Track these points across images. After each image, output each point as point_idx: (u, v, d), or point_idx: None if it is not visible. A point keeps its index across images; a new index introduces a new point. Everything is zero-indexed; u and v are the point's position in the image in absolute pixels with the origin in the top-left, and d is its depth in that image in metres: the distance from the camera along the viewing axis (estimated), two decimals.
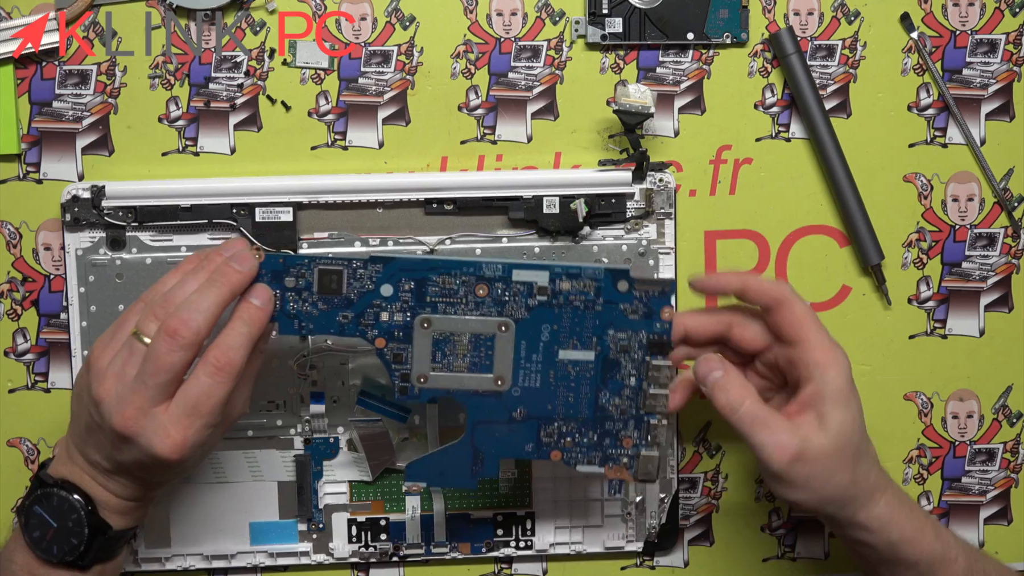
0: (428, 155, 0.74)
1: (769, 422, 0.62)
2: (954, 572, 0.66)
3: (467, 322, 0.64)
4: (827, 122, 0.74)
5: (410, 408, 0.73)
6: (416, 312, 0.64)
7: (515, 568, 0.77)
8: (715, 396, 0.64)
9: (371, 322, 0.64)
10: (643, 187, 0.73)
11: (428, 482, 0.67)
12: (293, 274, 0.63)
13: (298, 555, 0.75)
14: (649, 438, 0.66)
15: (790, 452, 0.62)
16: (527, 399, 0.65)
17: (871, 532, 0.64)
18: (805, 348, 0.64)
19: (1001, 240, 0.77)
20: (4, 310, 0.74)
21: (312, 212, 0.73)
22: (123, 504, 0.63)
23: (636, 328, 0.64)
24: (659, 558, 0.78)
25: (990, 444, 0.78)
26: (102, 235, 0.72)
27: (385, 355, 0.64)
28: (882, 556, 0.65)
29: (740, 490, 0.78)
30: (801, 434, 0.62)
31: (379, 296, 0.64)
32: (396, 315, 0.64)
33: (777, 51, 0.74)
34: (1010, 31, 0.75)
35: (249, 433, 0.74)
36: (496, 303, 0.64)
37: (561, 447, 0.66)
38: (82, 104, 0.73)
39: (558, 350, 0.65)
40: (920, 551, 0.65)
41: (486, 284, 0.64)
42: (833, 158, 0.74)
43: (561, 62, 0.74)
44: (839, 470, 0.63)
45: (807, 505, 0.63)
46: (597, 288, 0.64)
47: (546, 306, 0.64)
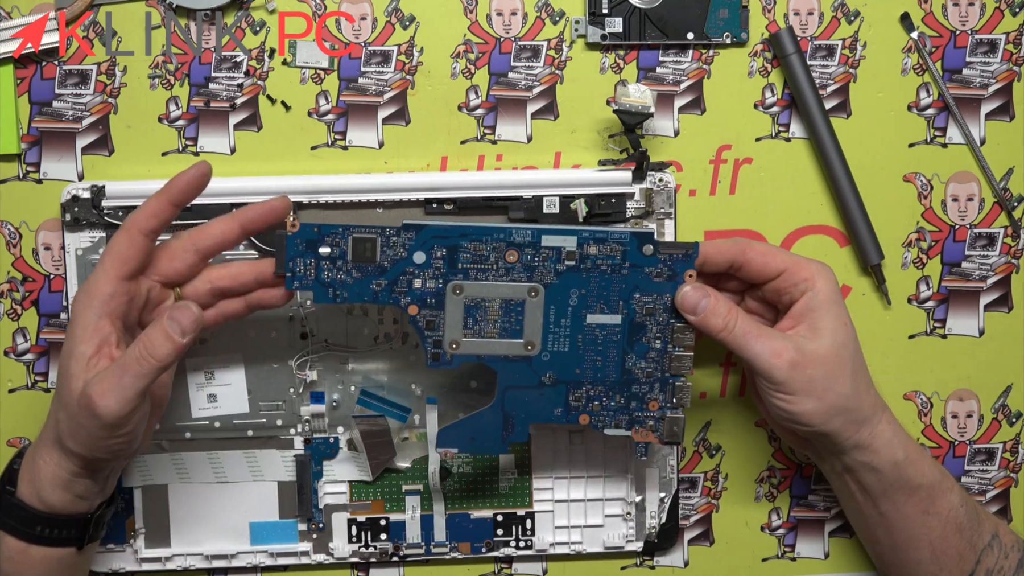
0: (428, 155, 0.74)
1: (763, 332, 0.65)
2: (951, 501, 0.67)
3: (497, 287, 0.65)
4: (827, 122, 0.74)
5: (410, 408, 0.74)
6: (448, 279, 0.65)
7: (515, 568, 0.77)
8: (708, 321, 0.65)
9: (404, 289, 0.65)
10: (643, 187, 0.73)
11: (459, 447, 0.68)
12: (328, 243, 0.65)
13: (298, 555, 0.75)
14: (674, 400, 0.67)
15: (788, 357, 0.64)
16: (556, 363, 0.66)
17: (876, 452, 0.65)
18: (791, 271, 0.66)
19: (1001, 240, 0.77)
20: (4, 310, 0.74)
21: (312, 212, 0.73)
22: (64, 478, 0.63)
23: (661, 291, 0.66)
24: (659, 558, 0.78)
25: (990, 444, 0.78)
26: (102, 235, 0.72)
27: (418, 322, 0.65)
28: (887, 479, 0.66)
29: (740, 490, 0.78)
30: (796, 341, 0.64)
31: (412, 263, 0.65)
32: (428, 282, 0.65)
33: (777, 51, 0.74)
34: (1010, 31, 0.76)
35: (249, 433, 0.74)
36: (526, 268, 0.65)
37: (589, 411, 0.67)
38: (82, 104, 0.73)
39: (586, 314, 0.66)
40: (923, 473, 0.66)
41: (516, 250, 0.65)
42: (833, 158, 0.74)
43: (561, 62, 0.74)
44: (839, 376, 0.64)
45: (813, 417, 0.64)
46: (623, 252, 0.65)
47: (574, 271, 0.65)
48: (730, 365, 0.76)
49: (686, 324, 0.66)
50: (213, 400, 0.73)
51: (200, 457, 0.74)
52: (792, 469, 0.77)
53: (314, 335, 0.73)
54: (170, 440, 0.74)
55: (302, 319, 0.73)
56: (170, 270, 0.64)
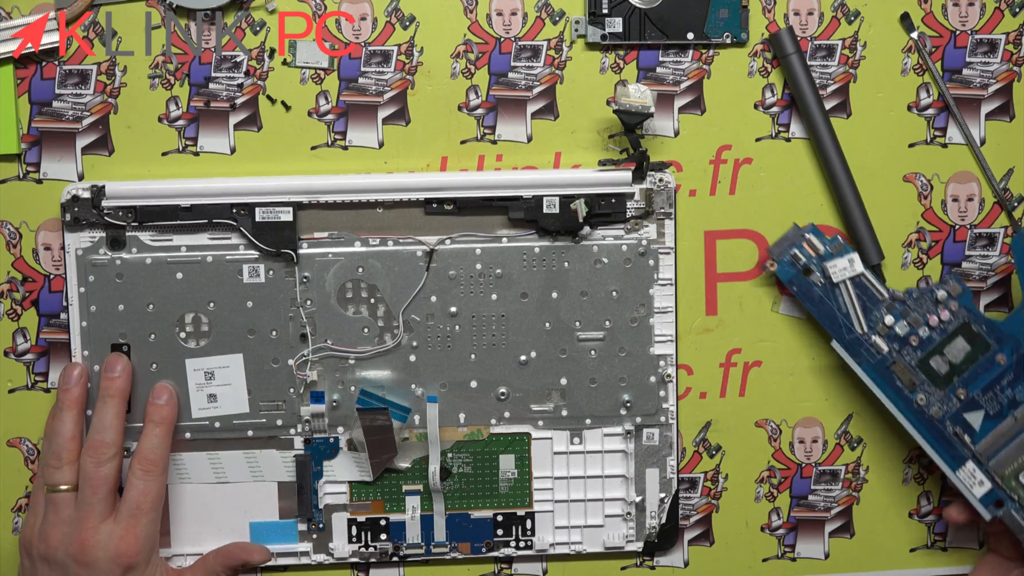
0: (428, 155, 0.74)
1: None
2: None
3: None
4: (827, 122, 0.74)
5: (410, 408, 0.74)
6: None
7: (515, 568, 0.77)
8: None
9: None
10: (643, 187, 0.73)
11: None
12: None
13: (298, 555, 0.75)
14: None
15: None
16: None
17: None
18: None
19: (1001, 240, 0.77)
20: (4, 310, 0.74)
21: (312, 212, 0.73)
22: None
23: None
24: (659, 558, 0.78)
25: None
26: (102, 235, 0.72)
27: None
28: None
29: (740, 490, 0.78)
30: None
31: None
32: None
33: (777, 51, 0.74)
34: (1010, 31, 0.75)
35: (249, 433, 0.74)
36: None
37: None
38: (82, 104, 0.73)
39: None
40: None
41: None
42: (833, 158, 0.74)
43: (561, 62, 0.74)
44: None
45: None
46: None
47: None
48: (730, 365, 0.77)
49: None
50: (213, 400, 0.73)
51: (200, 457, 0.74)
52: (792, 469, 0.77)
53: (314, 335, 0.73)
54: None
55: (302, 319, 0.73)
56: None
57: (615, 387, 0.75)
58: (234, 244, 0.73)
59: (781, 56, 0.74)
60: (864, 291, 0.71)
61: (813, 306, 0.72)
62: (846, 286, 0.71)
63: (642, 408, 0.75)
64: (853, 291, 0.70)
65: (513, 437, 0.75)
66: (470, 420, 0.74)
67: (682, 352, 0.76)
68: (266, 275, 0.73)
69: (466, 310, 0.74)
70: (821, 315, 0.72)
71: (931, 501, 0.78)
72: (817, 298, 0.72)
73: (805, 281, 0.71)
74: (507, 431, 0.75)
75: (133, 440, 0.72)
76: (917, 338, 0.71)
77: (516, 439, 0.75)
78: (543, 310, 0.74)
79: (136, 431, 0.72)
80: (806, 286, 0.72)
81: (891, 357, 0.72)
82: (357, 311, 0.73)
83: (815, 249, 0.72)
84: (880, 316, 0.71)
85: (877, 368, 0.72)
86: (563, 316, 0.74)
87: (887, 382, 0.72)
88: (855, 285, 0.71)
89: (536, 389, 0.74)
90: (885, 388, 0.72)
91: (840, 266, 0.70)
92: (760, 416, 0.77)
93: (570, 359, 0.74)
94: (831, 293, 0.71)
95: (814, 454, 0.77)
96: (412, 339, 0.74)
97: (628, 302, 0.74)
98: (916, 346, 0.71)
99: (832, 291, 0.71)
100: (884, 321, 0.71)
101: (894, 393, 0.72)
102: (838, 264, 0.70)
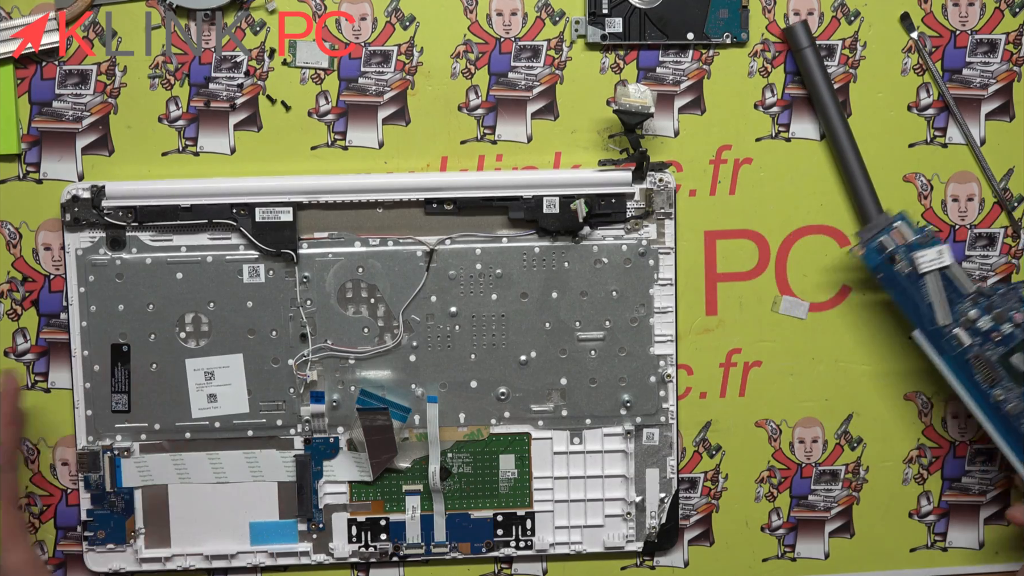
0: (428, 155, 0.74)
1: None
2: None
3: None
4: (842, 117, 0.74)
5: (410, 408, 0.74)
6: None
7: (515, 568, 0.77)
8: None
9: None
10: (643, 187, 0.73)
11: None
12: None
13: (298, 555, 0.75)
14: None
15: None
16: None
17: None
18: None
19: (1001, 240, 0.77)
20: (4, 310, 0.74)
21: (312, 212, 0.73)
22: None
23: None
24: (659, 558, 0.78)
25: (990, 444, 0.78)
26: (102, 235, 0.72)
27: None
28: None
29: (740, 490, 0.78)
30: None
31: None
32: None
33: (792, 44, 0.73)
34: (1010, 31, 0.75)
35: (249, 433, 0.74)
36: None
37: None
38: (82, 104, 0.73)
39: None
40: None
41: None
42: (848, 154, 0.74)
43: (561, 62, 0.74)
44: None
45: None
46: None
47: None
48: (730, 365, 0.76)
49: None
50: (213, 400, 0.73)
51: (200, 457, 0.74)
52: (792, 469, 0.77)
53: (314, 335, 0.73)
54: (170, 440, 0.74)
55: (302, 319, 0.73)
56: None
57: (615, 387, 0.75)
58: (234, 244, 0.73)
59: (796, 50, 0.73)
60: (949, 283, 0.71)
61: (896, 294, 0.72)
62: (932, 277, 0.71)
63: (642, 408, 0.75)
64: (939, 282, 0.71)
65: (513, 437, 0.75)
66: (470, 420, 0.74)
67: (682, 352, 0.76)
68: (266, 275, 0.73)
69: (466, 310, 0.74)
70: (904, 304, 0.72)
71: (931, 501, 0.78)
72: (901, 287, 0.72)
73: (890, 269, 0.72)
74: (507, 431, 0.75)
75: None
76: (999, 334, 0.72)
77: (516, 439, 0.75)
78: (543, 310, 0.74)
79: (136, 430, 0.73)
80: (891, 274, 0.72)
81: (972, 351, 0.72)
82: (357, 311, 0.73)
83: (903, 237, 0.72)
84: (964, 309, 0.72)
85: (956, 360, 0.72)
86: (563, 316, 0.74)
87: (966, 375, 0.72)
88: (942, 277, 0.71)
89: (536, 389, 0.74)
90: (963, 380, 0.72)
91: (928, 257, 0.70)
92: (760, 416, 0.77)
93: (570, 359, 0.74)
94: (916, 283, 0.72)
95: (814, 454, 0.77)
96: (412, 339, 0.74)
97: (628, 302, 0.74)
98: (998, 342, 0.72)
99: (917, 281, 0.72)
100: (968, 315, 0.71)
101: (972, 386, 0.72)
102: (927, 255, 0.70)
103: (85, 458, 0.74)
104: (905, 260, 0.71)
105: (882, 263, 0.72)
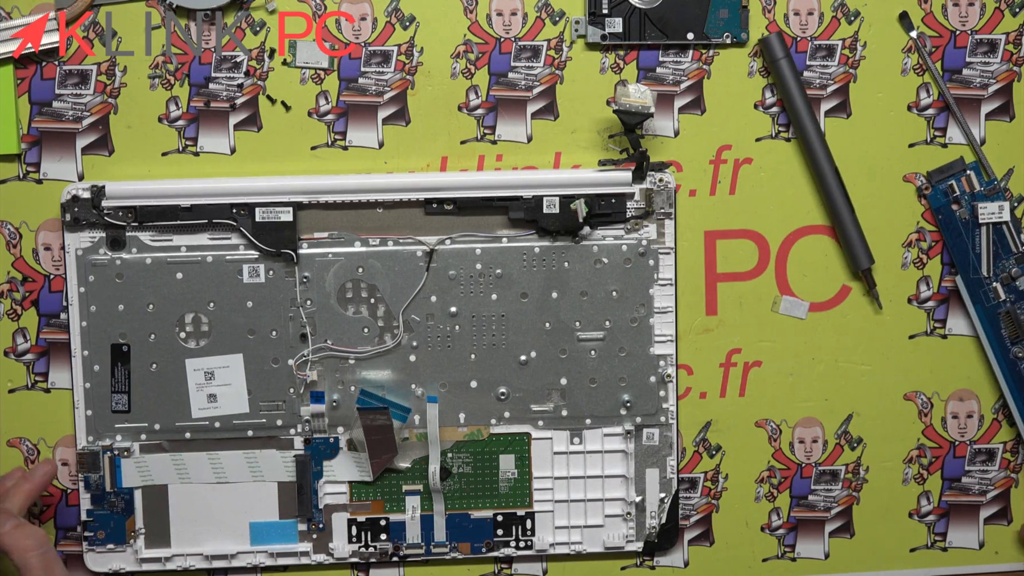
0: (428, 155, 0.74)
1: None
2: None
3: None
4: (816, 126, 0.74)
5: (410, 408, 0.74)
6: None
7: (515, 568, 0.77)
8: None
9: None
10: (643, 187, 0.73)
11: None
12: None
13: (298, 555, 0.75)
14: None
15: None
16: None
17: None
18: None
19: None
20: (4, 310, 0.74)
21: (312, 212, 0.73)
22: None
23: None
24: (659, 558, 0.78)
25: (990, 444, 0.78)
26: (102, 235, 0.72)
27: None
28: None
29: (740, 490, 0.78)
30: None
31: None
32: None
33: (766, 55, 0.74)
34: (1010, 31, 0.75)
35: (249, 433, 0.74)
36: None
37: None
38: (82, 104, 0.73)
39: None
40: None
41: None
42: (822, 162, 0.74)
43: (561, 62, 0.74)
44: None
45: None
46: None
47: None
48: (730, 365, 0.76)
49: None
50: (213, 400, 0.73)
51: (200, 457, 0.74)
52: (792, 469, 0.77)
53: (314, 335, 0.73)
54: (170, 440, 0.74)
55: (302, 319, 0.73)
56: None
57: (615, 387, 0.75)
58: (234, 244, 0.73)
59: (771, 61, 0.74)
60: (1001, 239, 0.73)
61: (950, 238, 0.74)
62: (987, 229, 0.73)
63: (642, 408, 0.75)
64: (993, 235, 0.73)
65: (513, 437, 0.75)
66: (470, 420, 0.74)
67: (682, 352, 0.76)
68: (266, 275, 0.73)
69: (466, 310, 0.74)
70: (955, 248, 0.74)
71: (931, 501, 0.78)
72: (957, 231, 0.74)
73: (951, 212, 0.74)
74: (507, 431, 0.75)
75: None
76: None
77: (516, 439, 0.75)
78: (543, 310, 0.74)
79: (136, 431, 0.73)
80: (950, 217, 0.74)
81: (1005, 306, 0.74)
82: (357, 311, 0.73)
83: (971, 186, 0.73)
84: (1008, 267, 0.74)
85: (989, 312, 0.75)
86: (563, 316, 0.74)
87: (992, 328, 0.75)
88: (995, 231, 0.73)
89: (536, 389, 0.74)
90: (988, 332, 0.75)
91: (989, 209, 0.73)
92: (760, 416, 0.77)
93: (570, 359, 0.74)
94: (971, 231, 0.73)
95: (814, 454, 0.77)
96: (412, 339, 0.74)
97: (628, 302, 0.74)
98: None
99: (973, 230, 0.73)
100: (1011, 271, 0.73)
101: (996, 340, 0.75)
102: (989, 207, 0.73)
103: (85, 458, 0.74)
104: (967, 208, 0.73)
105: (945, 205, 0.74)
